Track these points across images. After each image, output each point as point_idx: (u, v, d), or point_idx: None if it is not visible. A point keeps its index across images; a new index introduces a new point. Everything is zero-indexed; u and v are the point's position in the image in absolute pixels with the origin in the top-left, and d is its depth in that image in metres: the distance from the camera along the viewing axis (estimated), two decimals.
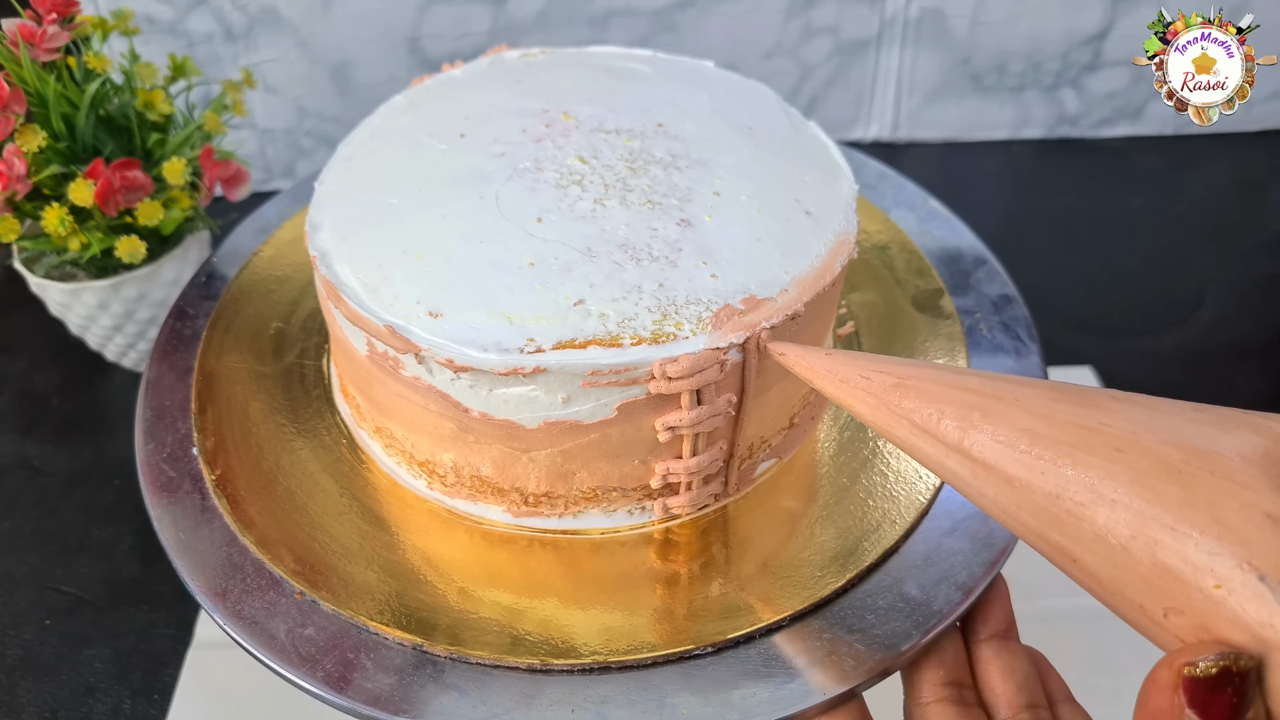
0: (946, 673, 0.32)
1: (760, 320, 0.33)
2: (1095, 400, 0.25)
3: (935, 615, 0.33)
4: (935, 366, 0.28)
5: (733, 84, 0.45)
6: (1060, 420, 0.24)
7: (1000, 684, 0.31)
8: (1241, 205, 0.80)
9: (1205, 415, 0.23)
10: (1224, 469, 0.22)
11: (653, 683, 0.32)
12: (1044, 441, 0.24)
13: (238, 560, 0.35)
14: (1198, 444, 0.22)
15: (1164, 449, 0.22)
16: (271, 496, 0.37)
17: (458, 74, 0.46)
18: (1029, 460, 0.24)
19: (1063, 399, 0.25)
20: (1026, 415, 0.24)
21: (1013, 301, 0.45)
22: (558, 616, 0.33)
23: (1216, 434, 0.23)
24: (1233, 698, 0.20)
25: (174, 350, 0.43)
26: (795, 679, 0.31)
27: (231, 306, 0.45)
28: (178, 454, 0.39)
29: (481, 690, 0.32)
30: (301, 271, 0.47)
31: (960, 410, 0.25)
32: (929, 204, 0.51)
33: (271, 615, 0.34)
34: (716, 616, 0.33)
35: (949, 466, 0.26)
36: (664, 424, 0.34)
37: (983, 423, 0.25)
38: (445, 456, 0.37)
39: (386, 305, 0.34)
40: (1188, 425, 0.23)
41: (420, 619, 0.33)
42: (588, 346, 0.32)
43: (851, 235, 0.38)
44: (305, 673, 0.32)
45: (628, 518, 0.37)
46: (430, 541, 0.37)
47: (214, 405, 0.41)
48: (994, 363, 0.43)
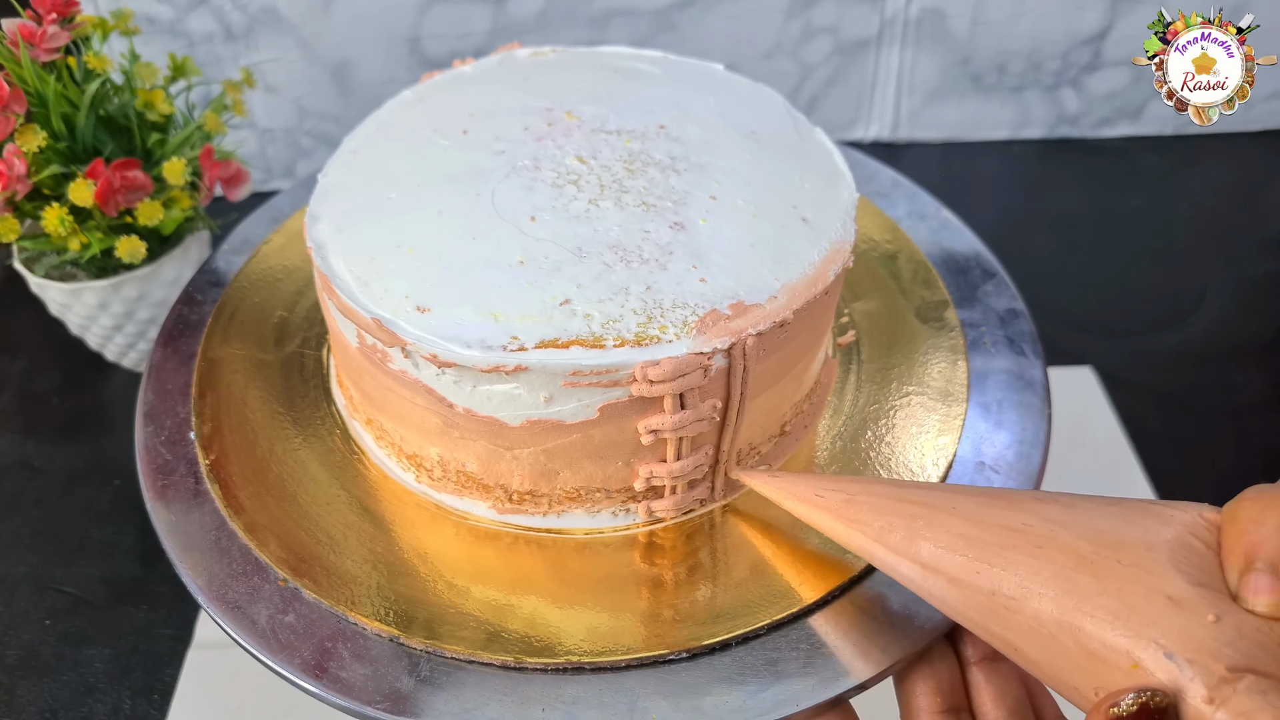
0: (943, 699, 0.32)
1: (747, 326, 0.33)
2: (1019, 502, 0.27)
3: (919, 628, 0.32)
4: (881, 482, 0.32)
5: (740, 87, 0.45)
6: (989, 524, 0.27)
7: (993, 709, 0.31)
8: (1241, 205, 0.80)
9: (1117, 509, 0.26)
10: (1129, 558, 0.24)
11: (625, 685, 0.32)
12: (978, 545, 0.27)
13: (225, 545, 0.36)
14: (1108, 537, 0.25)
15: (1078, 544, 0.25)
16: (263, 484, 0.38)
17: (467, 70, 0.46)
18: (966, 563, 0.27)
19: (992, 503, 0.28)
20: (962, 522, 0.27)
21: (1019, 316, 0.45)
22: (543, 615, 0.33)
23: (1123, 526, 0.25)
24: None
25: (179, 335, 0.44)
26: (770, 687, 0.31)
27: (238, 294, 0.45)
28: (175, 438, 0.39)
29: (456, 685, 0.32)
30: (309, 262, 0.47)
31: (906, 522, 0.29)
32: (941, 214, 0.50)
33: (254, 600, 0.34)
34: (698, 621, 0.33)
35: (901, 571, 0.29)
36: (646, 427, 0.33)
37: (926, 531, 0.28)
38: (432, 451, 0.37)
39: (376, 298, 0.34)
40: (1100, 520, 0.26)
41: (400, 612, 0.33)
42: (570, 346, 0.32)
43: (848, 244, 0.37)
44: (282, 659, 0.32)
45: (612, 519, 0.37)
46: (418, 535, 0.37)
47: (214, 391, 0.41)
48: (995, 379, 0.42)
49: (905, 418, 0.40)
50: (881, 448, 0.39)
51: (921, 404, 0.41)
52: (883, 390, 0.42)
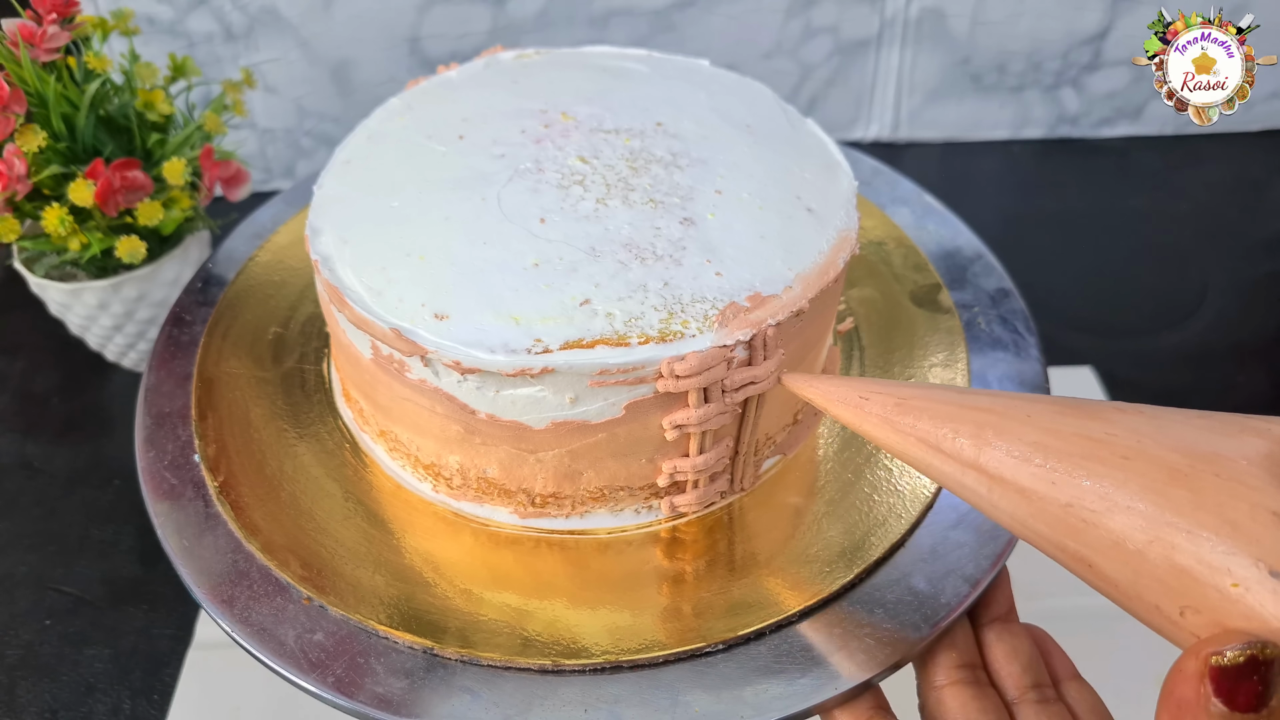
0: (958, 655, 0.32)
1: (766, 317, 0.33)
2: (1099, 412, 0.25)
3: (944, 607, 0.33)
4: (939, 387, 0.29)
5: (729, 82, 0.45)
6: (1068, 433, 0.25)
7: (1006, 666, 0.32)
8: (1241, 205, 0.80)
9: (1207, 421, 0.24)
10: (1229, 472, 0.23)
11: (664, 681, 0.32)
12: (1056, 454, 0.25)
13: (243, 567, 0.35)
14: (1201, 449, 0.23)
15: (1169, 455, 0.23)
16: (275, 502, 0.37)
17: (453, 76, 0.46)
18: (1043, 473, 0.25)
19: (1067, 412, 0.26)
20: (1036, 430, 0.25)
21: (1010, 295, 0.45)
22: (565, 617, 0.33)
23: (1218, 439, 0.23)
24: (1258, 686, 0.20)
25: (172, 357, 0.43)
26: (807, 674, 0.32)
27: (229, 312, 0.45)
28: (179, 461, 0.39)
29: (494, 692, 0.32)
30: (298, 276, 0.47)
31: (973, 429, 0.26)
32: (924, 199, 0.51)
33: (279, 621, 0.34)
34: (725, 614, 0.33)
35: (965, 483, 0.27)
36: (671, 422, 0.34)
37: (996, 439, 0.26)
38: (451, 459, 0.37)
39: (391, 308, 0.34)
40: (1190, 431, 0.24)
41: (430, 622, 0.33)
42: (595, 346, 0.32)
43: (853, 231, 0.38)
44: (315, 678, 0.32)
45: (635, 517, 0.37)
46: (437, 544, 0.37)
47: (214, 412, 0.40)
48: (993, 356, 0.43)
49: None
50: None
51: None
52: (886, 375, 0.42)
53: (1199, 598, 0.22)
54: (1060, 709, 0.32)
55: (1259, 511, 0.22)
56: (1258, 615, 0.21)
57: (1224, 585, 0.21)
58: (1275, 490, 0.22)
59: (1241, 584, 0.21)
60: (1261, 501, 0.22)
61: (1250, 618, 0.21)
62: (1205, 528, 0.22)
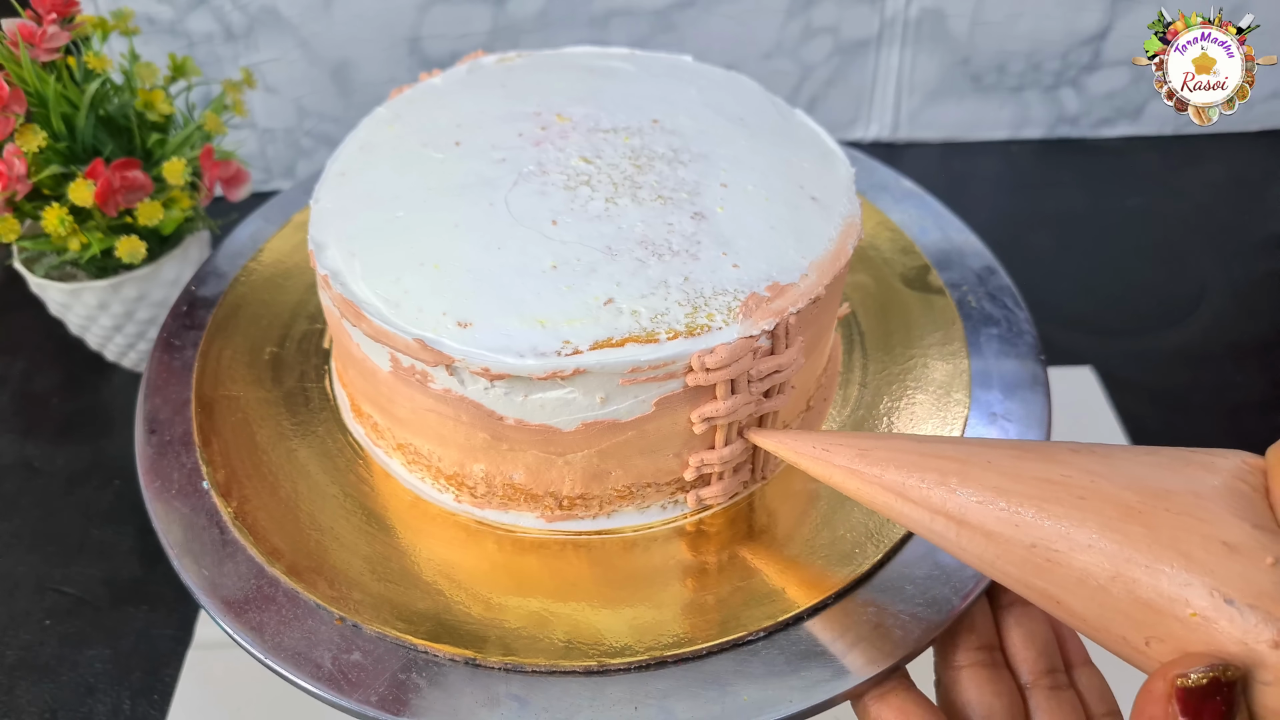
0: (977, 637, 0.33)
1: (787, 306, 0.34)
2: (1054, 455, 0.27)
3: (971, 579, 0.34)
4: (899, 436, 0.31)
5: (715, 77, 0.45)
6: (1027, 477, 0.26)
7: (1022, 649, 0.33)
8: (1241, 205, 0.80)
9: (1155, 458, 0.26)
10: (1179, 506, 0.24)
11: (709, 672, 0.32)
12: (1017, 498, 0.26)
13: (269, 591, 0.34)
14: (1152, 485, 0.25)
15: (1123, 493, 0.25)
16: (294, 524, 0.37)
17: (438, 82, 0.45)
18: (1007, 516, 0.26)
19: (1025, 456, 0.27)
20: (997, 475, 0.27)
21: (995, 272, 0.46)
22: (586, 618, 0.33)
23: (1167, 475, 0.25)
24: (1222, 705, 0.22)
25: (165, 384, 0.42)
26: (847, 654, 0.32)
27: (220, 335, 0.44)
28: (187, 490, 0.38)
29: (543, 697, 0.31)
30: (287, 294, 0.46)
31: (938, 476, 0.28)
32: (901, 184, 0.51)
33: (314, 645, 0.33)
34: (758, 602, 0.34)
35: (934, 528, 0.28)
36: (700, 415, 0.34)
37: (960, 486, 0.27)
38: (476, 467, 0.36)
39: (411, 319, 0.33)
40: (1140, 469, 0.25)
41: (469, 632, 0.33)
42: (625, 344, 0.32)
43: (857, 218, 0.38)
44: (358, 699, 0.31)
45: (660, 512, 0.37)
46: (461, 554, 0.36)
47: (219, 437, 0.40)
48: (986, 333, 0.44)
49: (917, 380, 0.42)
50: (899, 415, 0.41)
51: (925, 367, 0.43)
52: (888, 357, 0.43)
53: (1162, 628, 0.23)
54: (1071, 696, 0.32)
55: (1210, 543, 0.23)
56: (1216, 641, 0.22)
57: (1183, 615, 0.23)
58: (1225, 521, 0.23)
59: (1199, 613, 0.22)
60: (1212, 533, 0.23)
61: (1210, 644, 0.22)
62: (1162, 561, 0.23)
